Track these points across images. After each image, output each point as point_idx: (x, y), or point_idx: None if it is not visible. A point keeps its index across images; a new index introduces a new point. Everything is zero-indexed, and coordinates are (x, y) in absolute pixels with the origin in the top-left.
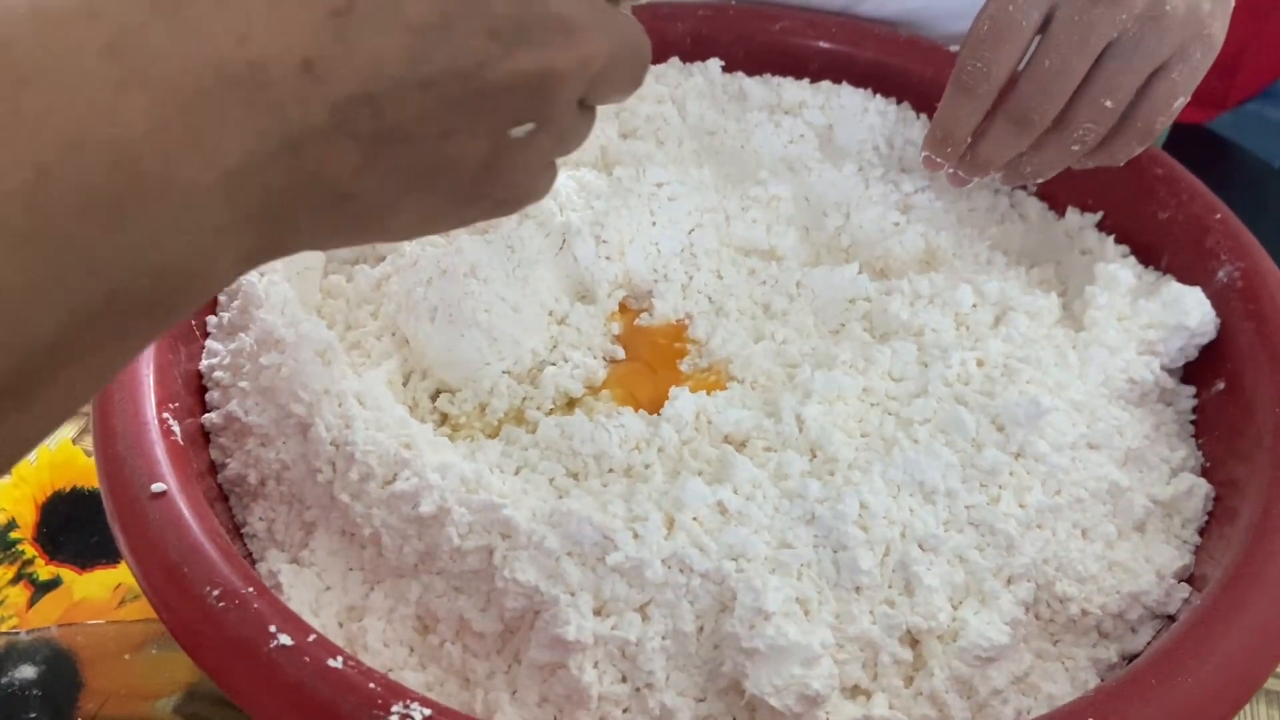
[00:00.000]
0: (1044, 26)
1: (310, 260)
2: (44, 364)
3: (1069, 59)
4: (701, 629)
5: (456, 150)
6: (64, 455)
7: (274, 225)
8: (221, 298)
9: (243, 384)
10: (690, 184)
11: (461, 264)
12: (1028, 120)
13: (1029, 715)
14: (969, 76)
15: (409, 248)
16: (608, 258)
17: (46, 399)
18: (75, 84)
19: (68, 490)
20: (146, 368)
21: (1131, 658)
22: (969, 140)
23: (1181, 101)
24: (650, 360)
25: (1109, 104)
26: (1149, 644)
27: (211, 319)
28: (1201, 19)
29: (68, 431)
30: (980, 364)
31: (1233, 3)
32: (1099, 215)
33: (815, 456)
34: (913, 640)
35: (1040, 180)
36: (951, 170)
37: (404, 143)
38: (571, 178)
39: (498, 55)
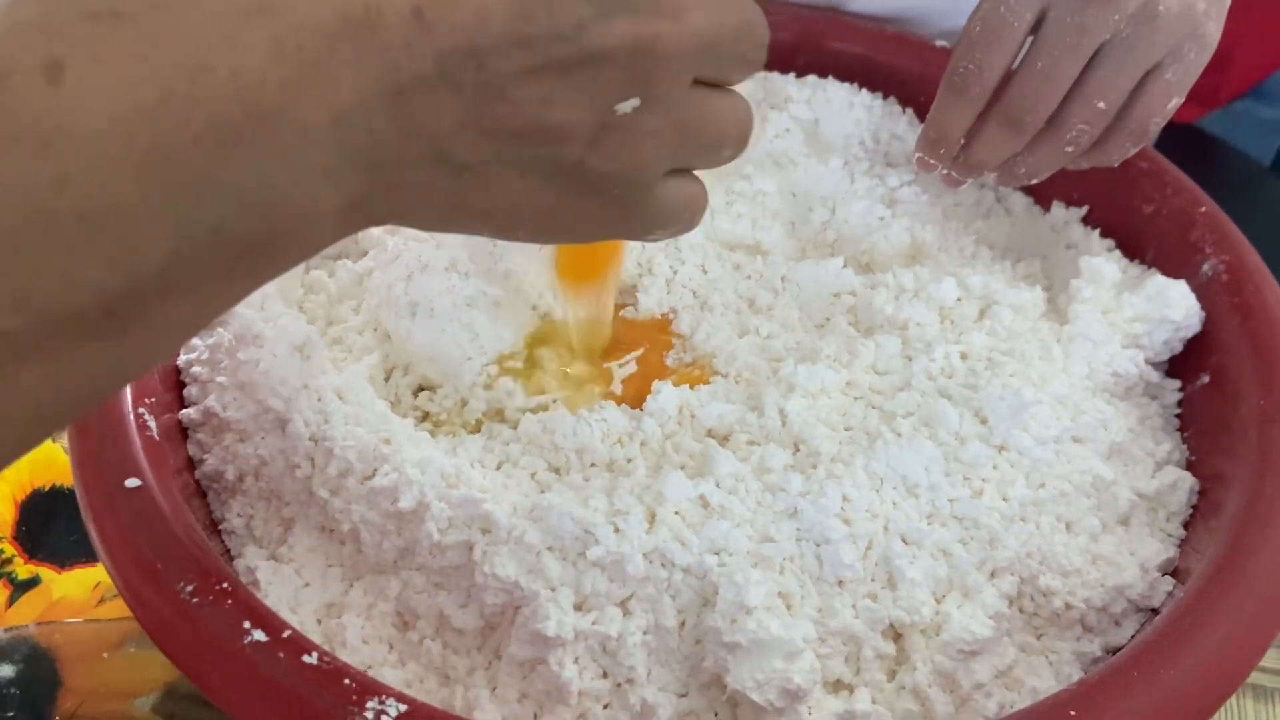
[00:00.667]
0: (1036, 27)
1: None
2: (150, 290)
3: (1061, 60)
4: (683, 624)
5: (557, 119)
6: (44, 453)
7: (378, 176)
8: None
9: (221, 379)
10: None
11: (443, 259)
12: (1020, 122)
13: (1012, 709)
14: (961, 78)
15: (391, 242)
16: None
17: (147, 329)
18: (202, 12)
19: (47, 489)
20: None
21: (1115, 651)
22: (962, 141)
23: (1176, 102)
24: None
25: (1102, 105)
26: (1133, 638)
27: None
28: (1196, 18)
29: None
30: (964, 357)
31: (1228, 1)
32: (1084, 209)
33: (798, 450)
34: (895, 634)
35: (1034, 181)
36: (945, 171)
37: (504, 102)
38: None
39: (594, 19)
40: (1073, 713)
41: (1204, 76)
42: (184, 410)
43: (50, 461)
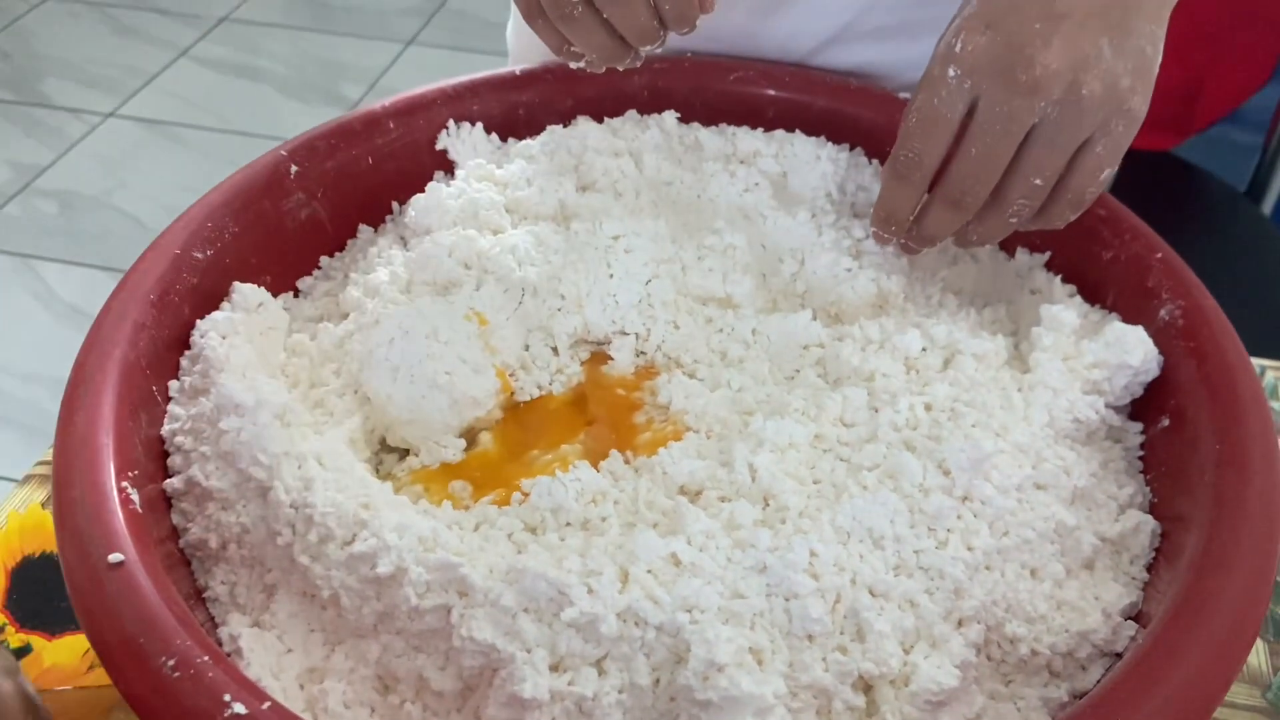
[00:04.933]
0: (970, 114)
1: (274, 320)
2: None
3: (993, 146)
4: (658, 681)
5: None
6: (34, 520)
7: None
8: (184, 362)
9: (204, 449)
10: (646, 235)
11: (423, 326)
12: (962, 202)
13: None
14: (903, 166)
15: (370, 304)
16: (559, 309)
17: None
18: None
19: (37, 556)
20: (106, 436)
21: (1082, 696)
22: (912, 218)
23: (1109, 173)
24: (609, 415)
25: (1039, 181)
26: (1099, 682)
27: (174, 384)
28: (1120, 95)
29: (37, 496)
30: (928, 408)
31: (1155, 74)
32: (1047, 255)
33: (767, 505)
34: (866, 686)
35: (986, 245)
36: (901, 241)
37: None
38: (530, 233)
39: None
40: None
41: (1176, 105)
42: (167, 480)
43: (40, 527)
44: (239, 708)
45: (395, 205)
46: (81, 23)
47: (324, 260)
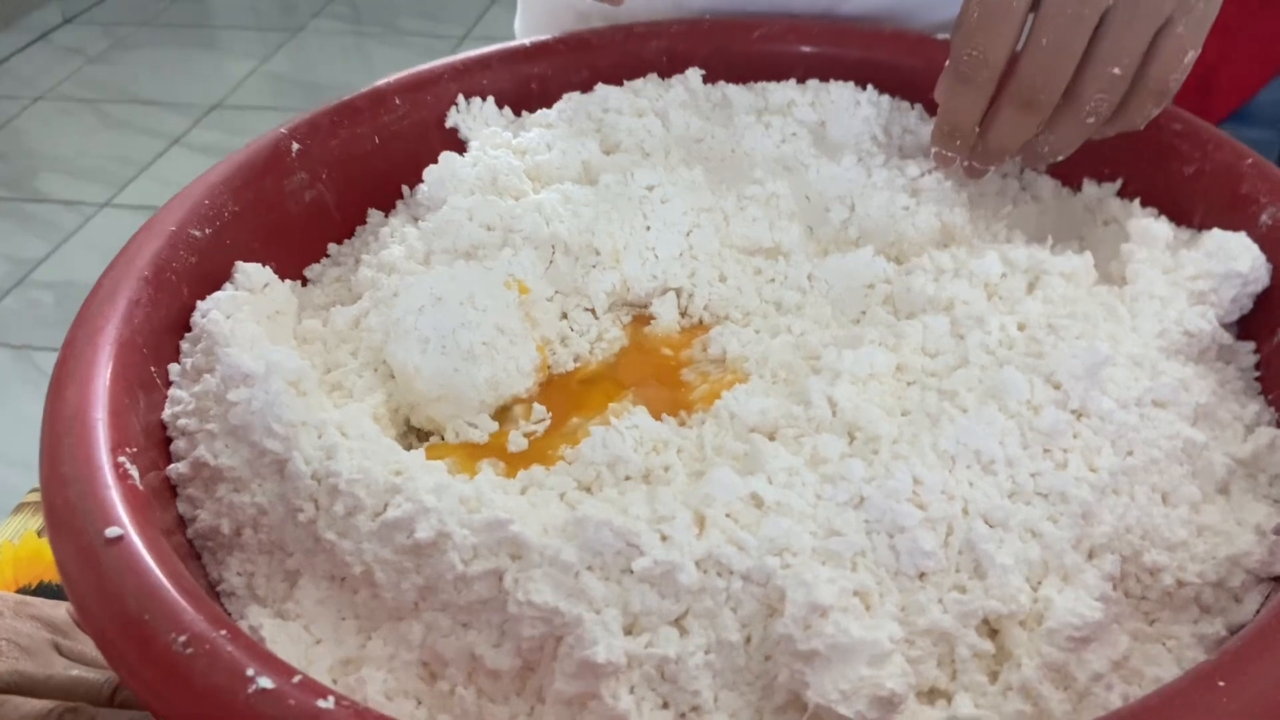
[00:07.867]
0: (1036, 4)
1: (281, 303)
2: None
3: (1066, 33)
4: (749, 638)
5: None
6: (29, 549)
7: None
8: (185, 344)
9: (210, 426)
10: (682, 185)
11: (459, 292)
12: (1035, 101)
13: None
14: (966, 65)
15: (386, 280)
16: (594, 266)
17: None
18: None
19: (34, 586)
20: (99, 412)
21: (1240, 630)
22: (977, 130)
23: (1192, 56)
24: (655, 376)
25: (1117, 71)
26: (1258, 613)
27: (174, 366)
28: None
29: (32, 524)
30: (1021, 327)
31: None
32: (1118, 183)
33: (854, 439)
34: (991, 630)
35: (1060, 158)
36: (965, 162)
37: None
38: (557, 190)
39: None
40: (1221, 682)
41: (1189, 99)
42: (172, 465)
43: (37, 557)
44: (265, 682)
45: (405, 189)
46: (73, 119)
47: (332, 247)
